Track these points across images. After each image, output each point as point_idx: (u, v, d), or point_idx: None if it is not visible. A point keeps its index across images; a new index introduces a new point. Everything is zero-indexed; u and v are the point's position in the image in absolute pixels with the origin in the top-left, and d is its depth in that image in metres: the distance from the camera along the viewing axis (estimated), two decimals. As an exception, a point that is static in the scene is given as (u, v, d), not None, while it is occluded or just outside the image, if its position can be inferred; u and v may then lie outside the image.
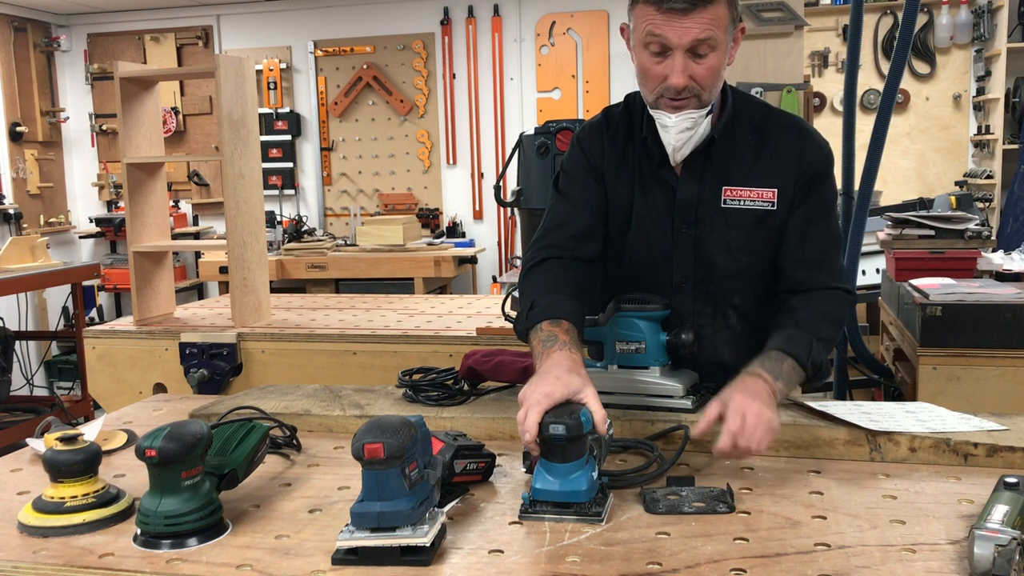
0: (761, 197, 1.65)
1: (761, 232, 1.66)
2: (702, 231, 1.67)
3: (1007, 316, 2.54)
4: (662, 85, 1.55)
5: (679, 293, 1.70)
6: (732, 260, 1.67)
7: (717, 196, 1.65)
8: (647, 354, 1.64)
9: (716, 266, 1.68)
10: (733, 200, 1.65)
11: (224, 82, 2.93)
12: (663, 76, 1.54)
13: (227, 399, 1.88)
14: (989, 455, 1.43)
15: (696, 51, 1.51)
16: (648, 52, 1.54)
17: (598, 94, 6.21)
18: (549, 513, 1.23)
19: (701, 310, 1.71)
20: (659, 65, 1.54)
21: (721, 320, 1.72)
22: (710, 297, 1.70)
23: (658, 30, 1.50)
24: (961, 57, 5.75)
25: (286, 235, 6.11)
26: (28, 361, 6.23)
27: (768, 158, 1.66)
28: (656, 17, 1.49)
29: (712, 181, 1.66)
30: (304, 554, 1.14)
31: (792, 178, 1.65)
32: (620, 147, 1.72)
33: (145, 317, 3.15)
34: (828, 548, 1.12)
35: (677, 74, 1.52)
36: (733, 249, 1.66)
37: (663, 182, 1.68)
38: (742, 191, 1.65)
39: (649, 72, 1.56)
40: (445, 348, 2.71)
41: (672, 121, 1.58)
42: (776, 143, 1.67)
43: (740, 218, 1.65)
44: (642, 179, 1.70)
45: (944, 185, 5.79)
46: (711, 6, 1.48)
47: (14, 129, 6.53)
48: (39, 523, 1.24)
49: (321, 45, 6.57)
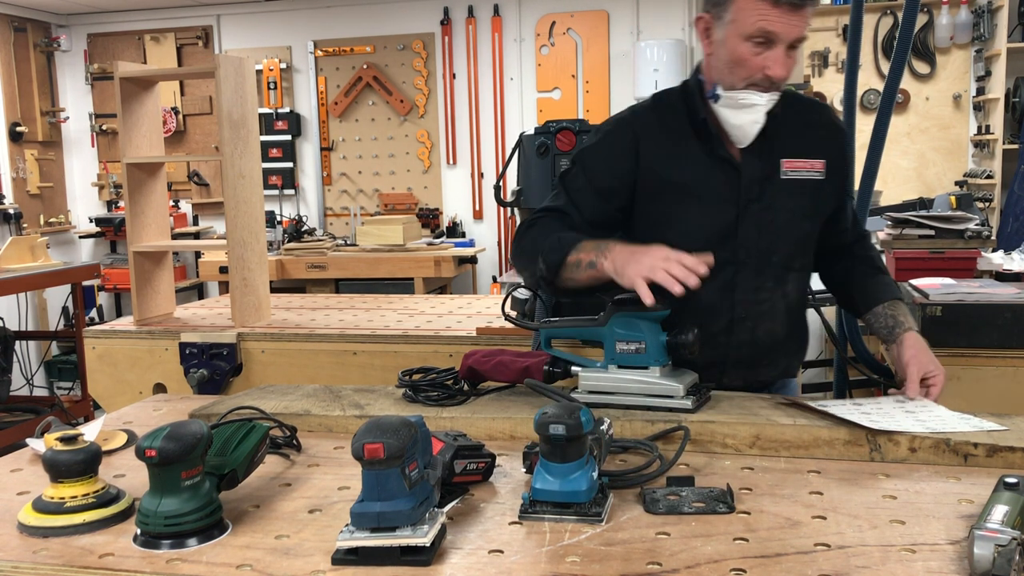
0: (813, 168, 1.80)
1: (819, 199, 1.81)
2: (767, 204, 1.77)
3: (1007, 316, 2.54)
4: (758, 75, 1.66)
5: (743, 269, 1.78)
6: (797, 228, 1.80)
7: (777, 170, 1.78)
8: (647, 354, 1.64)
9: (782, 236, 1.79)
10: (792, 171, 1.78)
11: (224, 82, 2.93)
12: (762, 67, 1.65)
13: (227, 399, 1.88)
14: (989, 455, 1.43)
15: (793, 46, 1.65)
16: (751, 43, 1.64)
17: (598, 94, 6.21)
18: (549, 513, 1.23)
19: (763, 284, 1.79)
20: (759, 56, 1.64)
21: (780, 290, 1.81)
22: (773, 268, 1.79)
23: (770, 25, 1.61)
24: (961, 57, 5.75)
25: (286, 235, 6.11)
26: (28, 361, 6.23)
27: (811, 133, 1.82)
28: (770, 12, 1.60)
29: (771, 156, 1.77)
30: (304, 554, 1.14)
31: (831, 150, 1.82)
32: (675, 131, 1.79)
33: (145, 317, 3.14)
34: (828, 548, 1.12)
35: (781, 66, 1.64)
36: (797, 217, 1.80)
37: (723, 161, 1.77)
38: (798, 162, 1.79)
39: (747, 62, 1.66)
40: (445, 348, 2.71)
41: (763, 100, 1.68)
42: (811, 120, 1.84)
43: (800, 188, 1.79)
44: (700, 160, 1.77)
45: (944, 185, 5.79)
46: (808, 7, 1.63)
47: (14, 129, 6.53)
48: (39, 523, 1.24)
49: (321, 45, 6.57)
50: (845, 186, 1.91)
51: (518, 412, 1.66)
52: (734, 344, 1.81)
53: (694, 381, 1.67)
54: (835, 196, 1.87)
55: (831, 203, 1.86)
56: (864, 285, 1.90)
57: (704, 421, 1.56)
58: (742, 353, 1.82)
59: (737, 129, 1.73)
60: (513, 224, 6.35)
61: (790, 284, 1.83)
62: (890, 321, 1.81)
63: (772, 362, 1.88)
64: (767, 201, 1.77)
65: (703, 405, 1.64)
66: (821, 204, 1.83)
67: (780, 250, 1.79)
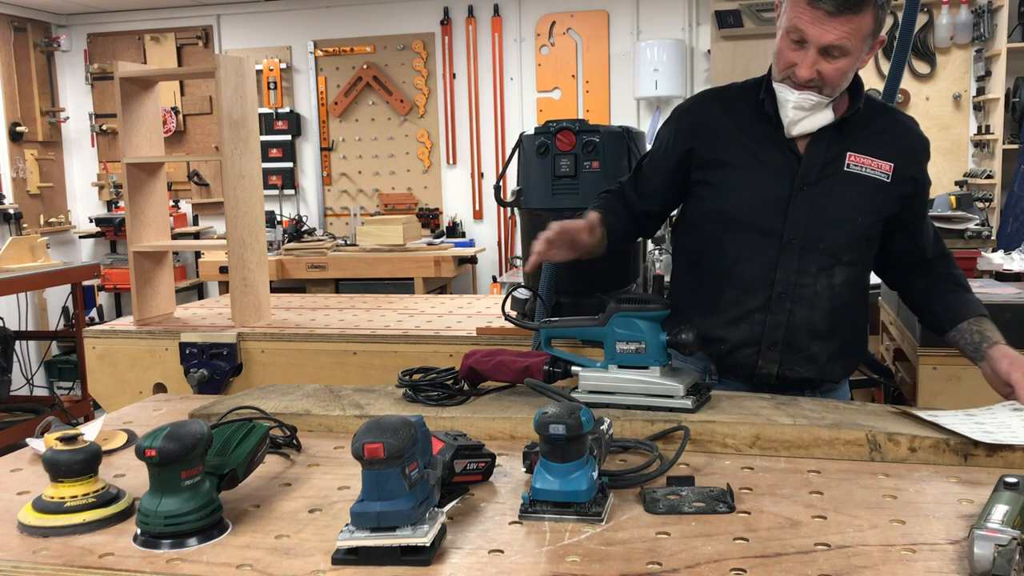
0: (880, 168, 1.80)
1: (881, 199, 1.81)
2: (822, 190, 1.79)
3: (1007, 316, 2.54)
4: (790, 70, 1.71)
5: (787, 251, 1.80)
6: (851, 220, 1.80)
7: (841, 161, 1.80)
8: (647, 354, 1.65)
9: (833, 224, 1.80)
10: (856, 166, 1.80)
11: (224, 82, 2.93)
12: (793, 63, 1.70)
13: (227, 399, 1.88)
14: (989, 455, 1.43)
15: (829, 52, 1.65)
16: (788, 38, 1.69)
17: (598, 94, 6.21)
18: (549, 513, 1.23)
19: (805, 269, 1.81)
20: (794, 53, 1.69)
21: (825, 280, 1.81)
22: (819, 255, 1.80)
23: (802, 25, 1.64)
24: (961, 57, 5.75)
25: (286, 235, 6.11)
26: (28, 361, 6.23)
27: (889, 140, 1.83)
28: (805, 12, 1.63)
29: (838, 148, 1.80)
30: (304, 554, 1.14)
31: (904, 157, 1.82)
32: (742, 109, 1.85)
33: (145, 317, 3.15)
34: (828, 548, 1.12)
35: (805, 68, 1.68)
36: (853, 209, 1.80)
37: (783, 144, 1.81)
38: (864, 159, 1.80)
39: (782, 55, 1.72)
40: (445, 348, 2.71)
41: (794, 97, 1.73)
42: (890, 127, 1.86)
43: (860, 183, 1.80)
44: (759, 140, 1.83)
45: (944, 185, 5.79)
46: (857, 16, 1.61)
47: (14, 129, 6.53)
48: (39, 523, 1.24)
49: (321, 45, 6.57)
50: (923, 200, 1.90)
51: (518, 412, 1.66)
52: (770, 324, 1.84)
53: (694, 381, 1.67)
54: (904, 204, 1.85)
55: (895, 207, 1.84)
56: (948, 301, 1.89)
57: (704, 421, 1.56)
58: (777, 335, 1.84)
59: (784, 119, 1.78)
60: (513, 224, 6.34)
61: (837, 277, 1.82)
62: (976, 336, 1.80)
63: (810, 356, 1.85)
64: (823, 188, 1.79)
65: (703, 405, 1.64)
66: (883, 204, 1.83)
67: (829, 238, 1.80)
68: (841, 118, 1.79)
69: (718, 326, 1.87)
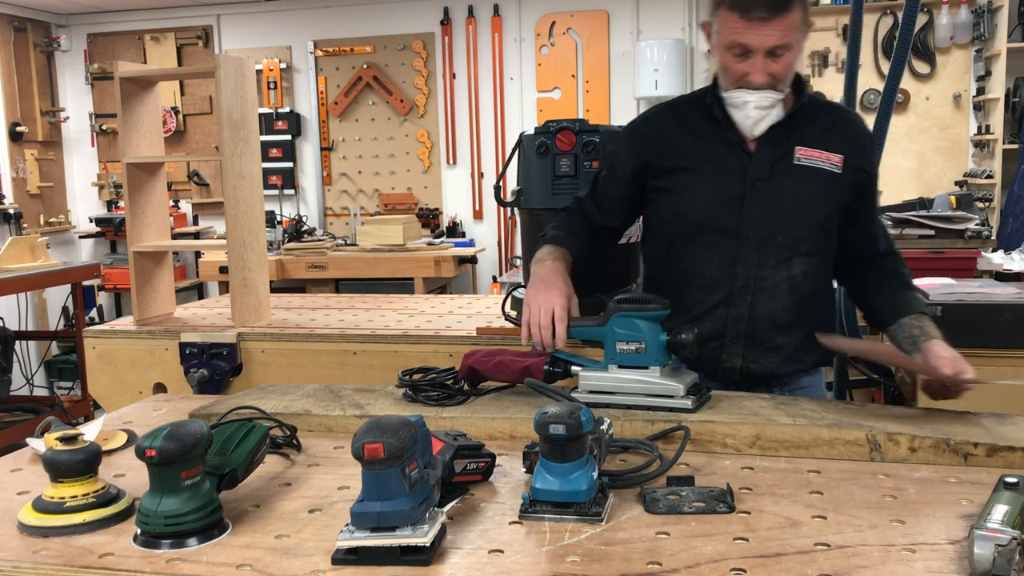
0: (830, 160, 1.86)
1: (833, 189, 1.86)
2: (775, 185, 1.85)
3: (1007, 316, 2.54)
4: (743, 80, 1.77)
5: (745, 245, 1.85)
6: (805, 212, 1.86)
7: (791, 155, 1.85)
8: (647, 354, 1.65)
9: (788, 216, 1.85)
10: (806, 159, 1.85)
11: (224, 82, 2.93)
12: (744, 73, 1.76)
13: (227, 399, 1.88)
14: (989, 455, 1.43)
15: (773, 52, 1.73)
16: (732, 54, 1.76)
17: (598, 94, 6.21)
18: (549, 513, 1.23)
19: (764, 262, 1.85)
20: (742, 64, 1.76)
21: (785, 271, 1.86)
22: (777, 247, 1.85)
23: (742, 38, 1.72)
24: (961, 57, 5.75)
25: (286, 235, 6.11)
26: (28, 361, 6.23)
27: (836, 134, 1.89)
28: (740, 24, 1.71)
29: (786, 144, 1.86)
30: (304, 554, 1.14)
31: (852, 149, 1.87)
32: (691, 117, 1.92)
33: (145, 317, 3.14)
34: (828, 548, 1.12)
35: (758, 74, 1.75)
36: (806, 200, 1.85)
37: (733, 144, 1.87)
38: (814, 152, 1.85)
39: (731, 69, 1.78)
40: (445, 348, 2.71)
41: (754, 98, 1.77)
42: (835, 121, 1.91)
43: (812, 174, 1.85)
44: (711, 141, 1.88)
45: (944, 185, 5.79)
46: (789, 14, 1.70)
47: (14, 129, 6.53)
48: (39, 523, 1.24)
49: (321, 45, 6.57)
50: (872, 193, 1.96)
51: (518, 412, 1.66)
52: (732, 318, 1.87)
53: (694, 381, 1.67)
54: (856, 195, 1.90)
55: (848, 197, 1.89)
56: (891, 298, 1.92)
57: (704, 421, 1.56)
58: (739, 328, 1.87)
59: (740, 124, 1.83)
60: (513, 224, 6.34)
61: (797, 268, 1.86)
62: (915, 331, 1.82)
63: (774, 348, 1.89)
64: (776, 183, 1.84)
65: (703, 405, 1.64)
66: (836, 195, 1.88)
67: (785, 230, 1.85)
68: (789, 114, 1.84)
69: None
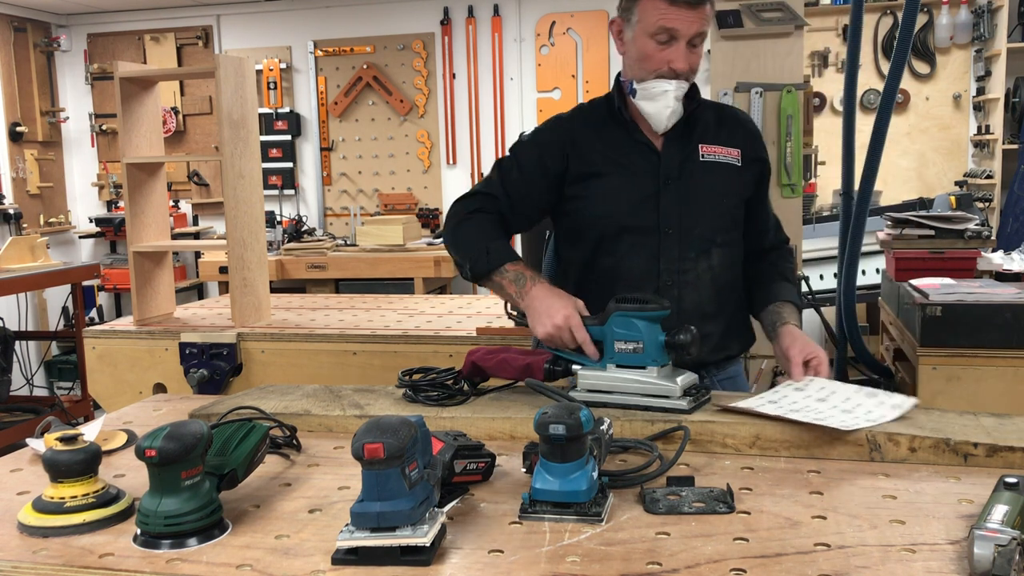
0: (730, 154, 1.97)
1: (737, 182, 1.97)
2: (686, 182, 1.93)
3: (1007, 316, 2.54)
4: (664, 68, 1.82)
5: (667, 239, 1.92)
6: (717, 204, 1.95)
7: (696, 153, 1.94)
8: (644, 354, 1.65)
9: (702, 210, 1.93)
10: (709, 155, 1.95)
11: (224, 82, 2.93)
12: (667, 61, 1.82)
13: (227, 399, 1.88)
14: (989, 455, 1.43)
15: (692, 41, 1.82)
16: (654, 41, 1.81)
17: (598, 94, 6.17)
18: (549, 513, 1.23)
19: (685, 255, 1.92)
20: (663, 52, 1.82)
21: (705, 262, 1.94)
22: (695, 240, 1.92)
23: (670, 23, 1.78)
24: (961, 57, 5.75)
25: (286, 235, 6.11)
26: (28, 361, 6.23)
27: (728, 129, 1.99)
28: (668, 11, 1.78)
29: (689, 142, 1.94)
30: (304, 554, 1.14)
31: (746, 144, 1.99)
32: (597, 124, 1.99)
33: (145, 317, 3.15)
34: (828, 548, 1.12)
35: (682, 60, 1.82)
36: (717, 193, 1.94)
37: (642, 145, 1.94)
38: (714, 148, 1.96)
39: (653, 57, 1.83)
40: (445, 348, 2.71)
41: (672, 86, 1.84)
42: (727, 119, 2.02)
43: (717, 169, 1.95)
44: (621, 144, 1.95)
45: (944, 185, 5.79)
46: (707, 5, 1.81)
47: (14, 129, 6.53)
48: (39, 523, 1.24)
49: (321, 45, 6.57)
50: (765, 186, 2.05)
51: (518, 412, 1.66)
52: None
53: (693, 382, 1.67)
54: (754, 188, 2.01)
55: (749, 189, 2.00)
56: (764, 286, 2.02)
57: (704, 421, 1.56)
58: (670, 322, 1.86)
59: (653, 116, 1.89)
60: (513, 224, 6.34)
61: (715, 259, 1.95)
62: (774, 317, 1.92)
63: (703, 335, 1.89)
64: (686, 180, 1.93)
65: (701, 406, 1.64)
66: (740, 186, 1.98)
67: (701, 223, 1.93)
68: (689, 111, 1.92)
69: None
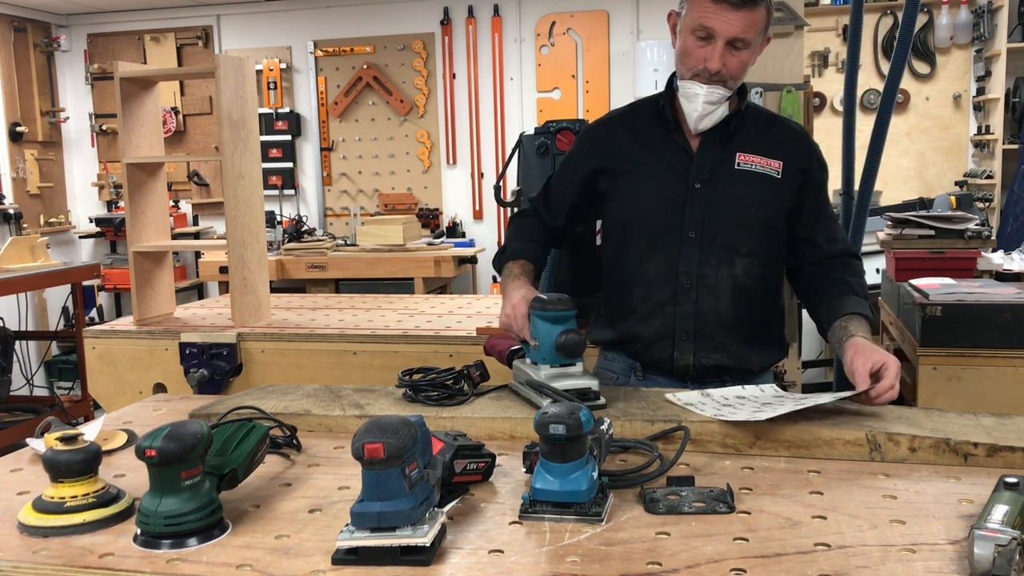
0: (769, 165, 1.92)
1: (773, 194, 1.92)
2: (715, 188, 1.91)
3: (1007, 316, 2.54)
4: (700, 66, 1.82)
5: (688, 243, 1.91)
6: (744, 213, 1.91)
7: (732, 159, 1.92)
8: (539, 351, 1.72)
9: (727, 217, 1.90)
10: (746, 164, 1.92)
11: (224, 82, 2.93)
12: (703, 59, 1.82)
13: (227, 399, 1.88)
14: (989, 455, 1.43)
15: (733, 44, 1.80)
16: (694, 37, 1.82)
17: (598, 94, 6.21)
18: (549, 513, 1.23)
19: (706, 261, 1.91)
20: (701, 49, 1.82)
21: (726, 270, 1.91)
22: (717, 247, 1.91)
23: (708, 21, 1.78)
24: (961, 57, 5.75)
25: (286, 235, 6.11)
26: (28, 361, 6.23)
27: (774, 140, 1.96)
28: (710, 9, 1.78)
29: (728, 148, 1.93)
30: (304, 554, 1.14)
31: (792, 155, 1.94)
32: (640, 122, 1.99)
33: (145, 317, 3.15)
34: (828, 548, 1.12)
35: (715, 60, 1.81)
36: (745, 203, 1.91)
37: (678, 146, 1.94)
38: (754, 157, 1.92)
39: (691, 53, 1.84)
40: (445, 348, 2.71)
41: (703, 91, 1.84)
42: (775, 129, 1.99)
43: (751, 178, 1.92)
44: (658, 143, 1.95)
45: (944, 185, 5.79)
46: (754, 11, 1.78)
47: (14, 129, 6.53)
48: (39, 523, 1.24)
49: (321, 45, 6.57)
50: (815, 193, 1.97)
51: (518, 412, 1.66)
52: (680, 315, 1.92)
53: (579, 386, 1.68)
54: (796, 200, 1.94)
55: (789, 202, 1.94)
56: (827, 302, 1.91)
57: (704, 421, 1.56)
58: (688, 325, 1.93)
59: (688, 115, 1.90)
60: (513, 224, 6.34)
61: (738, 267, 1.92)
62: (840, 334, 1.82)
63: (721, 345, 1.92)
64: (716, 185, 1.91)
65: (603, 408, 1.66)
66: (776, 197, 1.93)
67: (723, 231, 1.91)
68: (731, 115, 1.91)
69: (634, 324, 1.97)
